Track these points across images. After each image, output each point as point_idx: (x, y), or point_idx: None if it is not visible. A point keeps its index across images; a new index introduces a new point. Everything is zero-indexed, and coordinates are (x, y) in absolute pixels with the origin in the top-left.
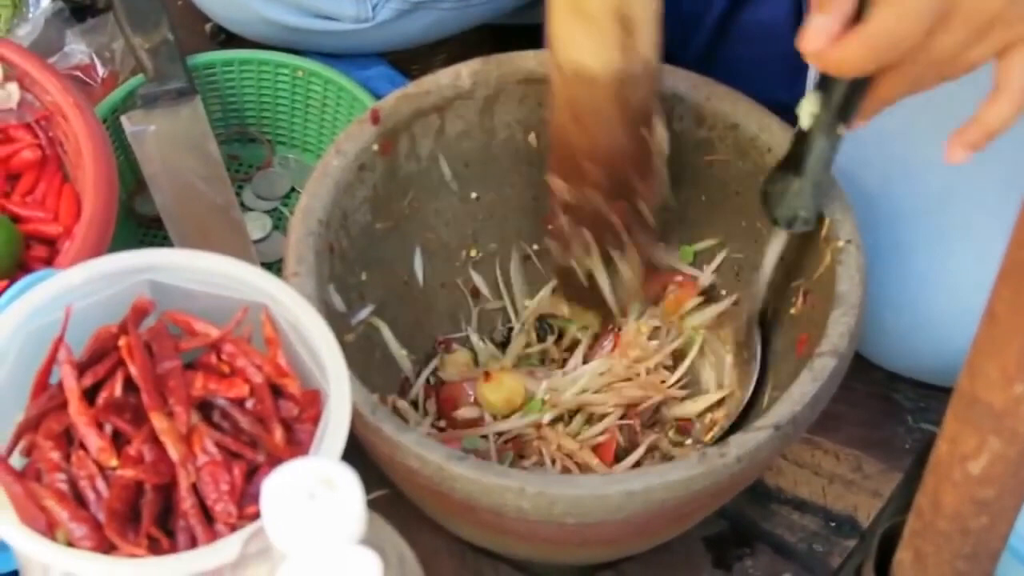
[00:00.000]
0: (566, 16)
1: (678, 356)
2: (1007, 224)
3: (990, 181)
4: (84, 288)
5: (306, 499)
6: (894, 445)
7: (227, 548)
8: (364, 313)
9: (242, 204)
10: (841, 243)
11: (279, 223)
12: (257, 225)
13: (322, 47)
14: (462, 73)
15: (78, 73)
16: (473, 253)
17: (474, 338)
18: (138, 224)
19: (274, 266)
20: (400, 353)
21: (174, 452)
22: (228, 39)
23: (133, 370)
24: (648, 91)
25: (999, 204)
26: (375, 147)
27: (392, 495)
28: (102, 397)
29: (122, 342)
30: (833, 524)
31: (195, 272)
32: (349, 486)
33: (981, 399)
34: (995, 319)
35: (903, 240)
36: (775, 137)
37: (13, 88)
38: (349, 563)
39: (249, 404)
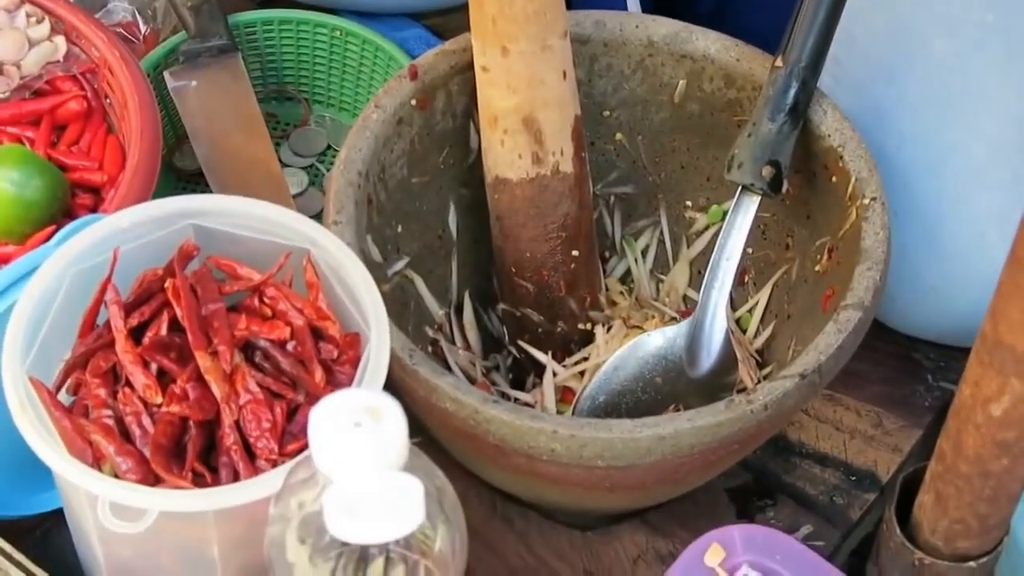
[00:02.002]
0: (487, 130)
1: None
2: (1009, 190)
3: (979, 145)
4: (131, 231)
5: (352, 427)
6: (914, 403)
7: (271, 480)
8: (400, 265)
9: (280, 160)
10: (867, 200)
11: (315, 179)
12: (294, 181)
13: (358, 4)
14: None
15: (120, 30)
16: None
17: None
18: (178, 178)
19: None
20: (434, 305)
21: (218, 390)
22: (266, 1)
23: (179, 311)
24: (570, 202)
25: (1001, 169)
26: (413, 102)
27: (425, 442)
28: (148, 336)
29: (168, 284)
30: (853, 478)
31: (239, 217)
32: (393, 415)
33: (1004, 342)
34: (1019, 263)
35: (898, 207)
36: None
37: (60, 41)
38: (393, 487)
39: (290, 346)
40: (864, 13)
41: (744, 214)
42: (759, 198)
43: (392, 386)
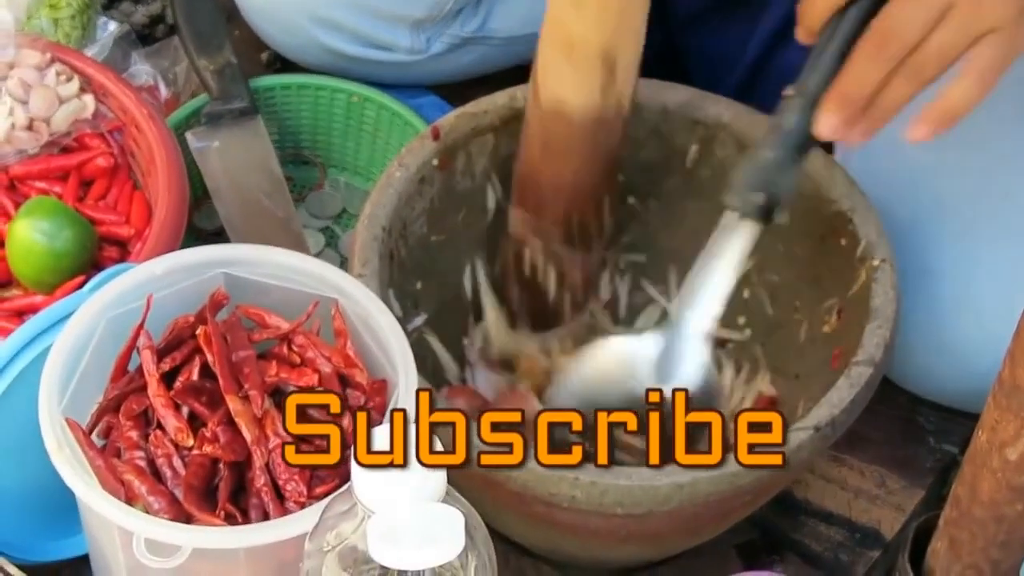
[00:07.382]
0: (556, 52)
1: None
2: None
3: (1016, 211)
4: (164, 279)
5: None
6: (916, 464)
7: (303, 520)
8: (418, 321)
9: None
10: (876, 262)
11: (331, 241)
12: (310, 242)
13: (375, 77)
14: (517, 95)
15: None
16: None
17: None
18: (197, 238)
19: None
20: (449, 363)
21: (248, 433)
22: (283, 67)
23: (210, 357)
24: (619, 136)
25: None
26: (435, 162)
27: None
28: (179, 381)
29: (199, 331)
30: (858, 536)
31: (269, 266)
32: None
33: (1021, 386)
34: None
35: (930, 267)
36: (814, 164)
37: (89, 99)
38: (436, 516)
39: None
40: None
41: (726, 235)
42: (744, 222)
43: None
